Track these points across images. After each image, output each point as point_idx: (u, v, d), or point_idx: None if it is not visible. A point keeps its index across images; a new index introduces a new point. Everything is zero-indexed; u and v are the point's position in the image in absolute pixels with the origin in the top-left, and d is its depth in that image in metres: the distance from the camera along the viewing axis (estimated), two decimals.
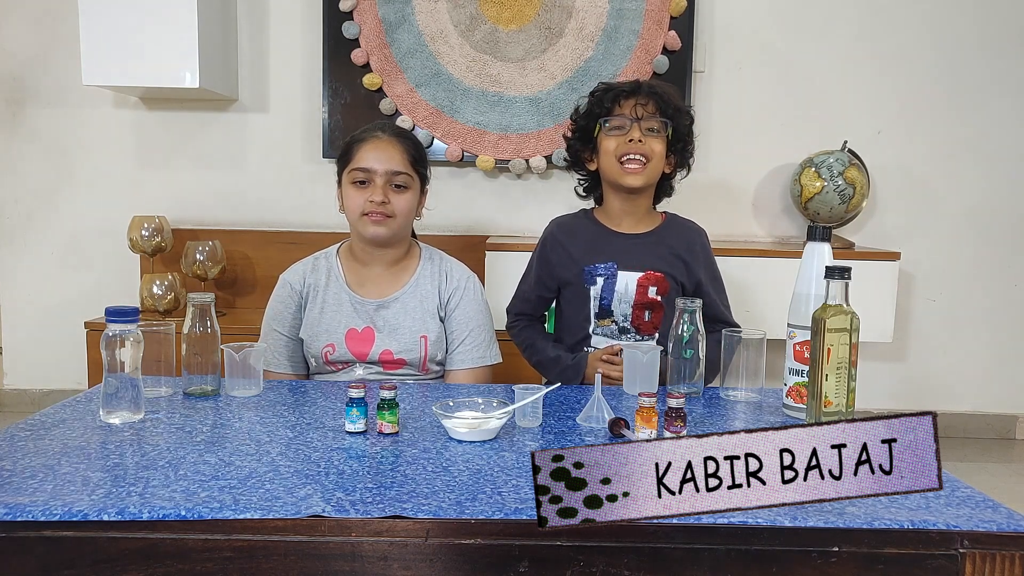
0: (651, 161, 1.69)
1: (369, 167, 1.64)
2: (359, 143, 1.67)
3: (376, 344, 1.67)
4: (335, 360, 1.67)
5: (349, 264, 1.74)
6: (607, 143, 1.70)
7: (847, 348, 1.21)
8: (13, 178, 3.22)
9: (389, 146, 1.66)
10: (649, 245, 1.74)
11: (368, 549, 0.90)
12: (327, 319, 1.68)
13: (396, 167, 1.65)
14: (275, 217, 3.22)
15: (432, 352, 1.68)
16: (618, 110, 1.70)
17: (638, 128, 1.68)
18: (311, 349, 1.69)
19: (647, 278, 1.70)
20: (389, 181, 1.65)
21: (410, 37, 3.08)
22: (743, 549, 0.90)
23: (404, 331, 1.68)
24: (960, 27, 3.16)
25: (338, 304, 1.69)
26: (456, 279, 1.73)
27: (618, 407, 1.36)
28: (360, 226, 1.66)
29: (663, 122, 1.70)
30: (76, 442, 1.14)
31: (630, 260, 1.72)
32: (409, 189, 1.67)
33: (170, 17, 2.78)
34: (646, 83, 1.72)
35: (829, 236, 1.37)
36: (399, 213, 1.65)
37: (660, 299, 1.70)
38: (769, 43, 3.17)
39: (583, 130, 1.77)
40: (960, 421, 3.31)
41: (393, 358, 1.67)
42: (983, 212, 3.24)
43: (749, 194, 3.23)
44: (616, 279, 1.72)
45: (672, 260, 1.73)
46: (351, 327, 1.67)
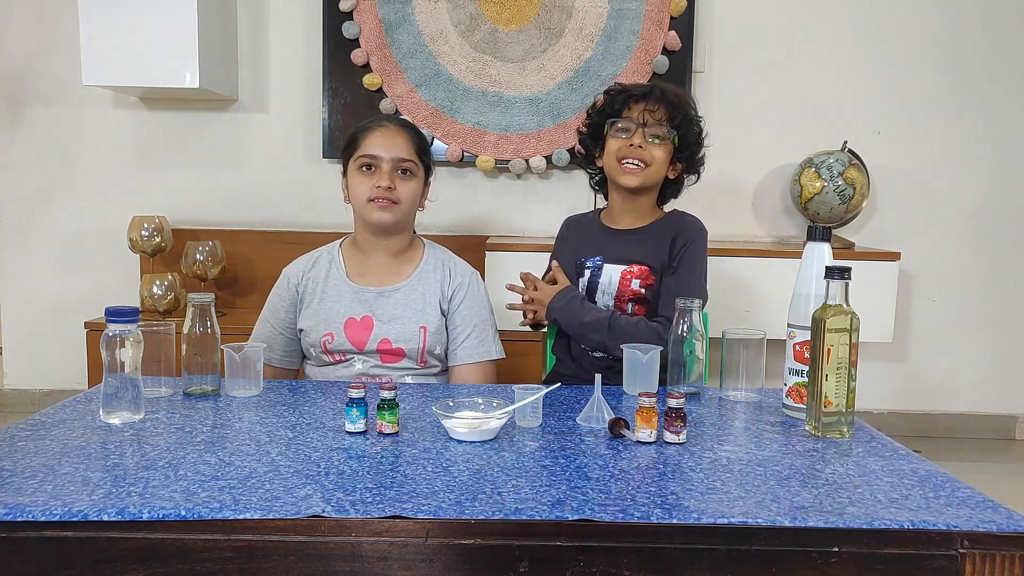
0: (650, 166, 1.71)
1: (375, 153, 1.67)
2: (365, 131, 1.71)
3: (375, 332, 1.68)
4: (334, 350, 1.68)
5: (351, 254, 1.76)
6: (612, 143, 1.74)
7: (847, 348, 1.21)
8: (13, 178, 3.22)
9: (395, 134, 1.69)
10: (638, 239, 1.76)
11: (368, 549, 0.90)
12: (326, 308, 1.70)
13: (402, 154, 1.68)
14: (275, 217, 3.22)
15: (431, 344, 1.69)
16: (627, 113, 1.73)
17: (642, 133, 1.70)
18: (310, 338, 1.70)
19: (631, 271, 1.73)
20: (395, 168, 1.68)
21: (410, 37, 3.08)
22: (743, 549, 0.90)
23: (403, 320, 1.69)
24: (960, 27, 3.16)
25: (338, 294, 1.71)
26: (460, 275, 1.75)
27: (618, 407, 1.36)
28: (366, 212, 1.68)
29: (669, 130, 1.71)
30: (76, 442, 1.14)
31: (617, 253, 1.75)
32: (414, 176, 1.70)
33: (170, 17, 2.78)
34: (660, 88, 1.74)
35: (829, 236, 1.37)
36: (404, 199, 1.68)
37: (644, 292, 1.72)
38: (769, 43, 3.17)
39: (594, 127, 1.80)
40: (960, 421, 3.31)
41: (391, 347, 1.68)
42: (983, 212, 3.24)
43: (749, 194, 3.23)
44: (601, 272, 1.75)
45: (658, 253, 1.74)
46: (350, 316, 1.69)
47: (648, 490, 0.99)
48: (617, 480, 1.02)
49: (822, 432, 1.23)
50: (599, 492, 0.97)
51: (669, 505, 0.94)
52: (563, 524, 0.90)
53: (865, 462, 1.12)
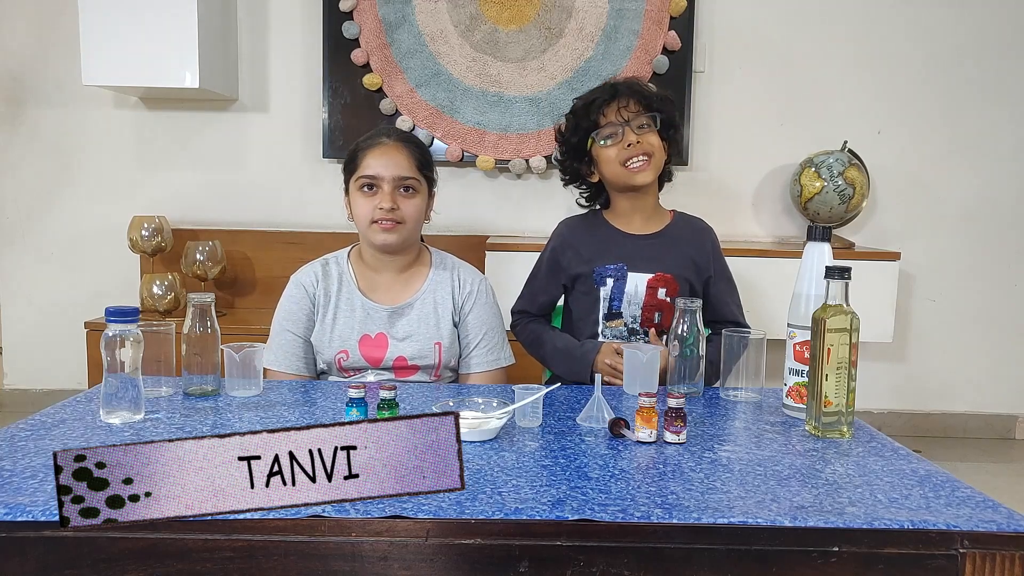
0: (654, 156, 1.70)
1: (376, 174, 1.63)
2: (364, 150, 1.66)
3: (390, 350, 1.66)
4: (349, 367, 1.66)
5: (360, 270, 1.72)
6: (606, 153, 1.71)
7: (847, 348, 1.21)
8: (13, 178, 3.22)
9: (395, 151, 1.65)
10: (659, 246, 1.74)
11: (368, 549, 0.90)
12: (340, 326, 1.67)
13: (403, 172, 1.63)
14: (275, 217, 3.21)
15: (446, 359, 1.68)
16: (604, 119, 1.71)
17: (631, 130, 1.69)
18: (324, 355, 1.67)
19: (657, 280, 1.71)
20: (397, 187, 1.63)
21: (410, 37, 3.08)
22: (743, 549, 0.90)
23: (419, 338, 1.67)
24: (960, 27, 3.16)
25: (351, 310, 1.68)
26: (470, 284, 1.73)
27: (618, 407, 1.36)
28: (370, 234, 1.65)
29: (650, 116, 1.70)
30: (76, 442, 1.14)
31: (640, 261, 1.72)
32: (417, 193, 1.66)
33: (170, 17, 2.78)
34: (620, 84, 1.73)
35: (829, 236, 1.37)
36: (408, 219, 1.64)
37: (669, 300, 1.70)
38: (769, 43, 3.17)
39: (574, 147, 1.77)
40: (960, 421, 3.32)
41: (407, 364, 1.66)
42: (983, 212, 3.24)
43: (749, 194, 3.23)
44: (626, 281, 1.72)
45: (682, 261, 1.73)
46: (364, 333, 1.66)
47: (648, 490, 0.99)
48: (617, 480, 1.02)
49: (822, 432, 1.23)
50: (599, 492, 0.97)
51: (669, 505, 0.94)
52: (563, 524, 0.90)
53: (865, 462, 1.12)
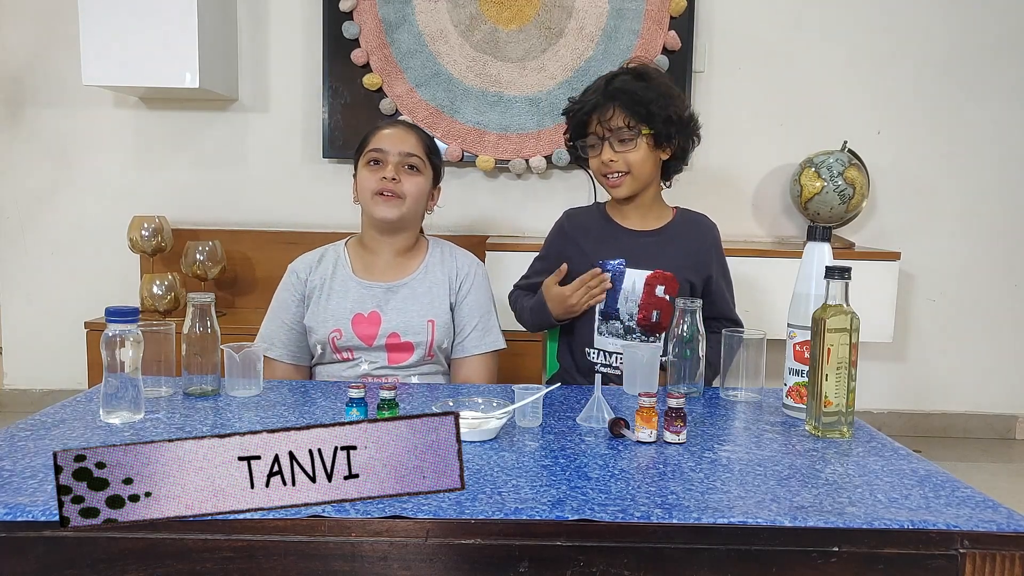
0: (631, 172, 1.68)
1: (383, 147, 1.69)
2: (375, 130, 1.74)
3: (383, 327, 1.68)
4: (343, 347, 1.68)
5: (357, 252, 1.77)
6: (591, 161, 1.73)
7: (847, 348, 1.21)
8: (13, 178, 3.22)
9: (404, 132, 1.73)
10: (660, 243, 1.73)
11: (368, 549, 0.90)
12: (333, 305, 1.70)
13: (409, 149, 1.70)
14: (275, 217, 3.21)
15: (439, 338, 1.70)
16: (589, 129, 1.71)
17: (609, 147, 1.67)
18: (317, 336, 1.69)
19: (655, 277, 1.69)
20: (402, 162, 1.69)
21: (410, 37, 3.08)
22: (743, 549, 0.90)
23: (411, 314, 1.69)
24: (960, 27, 3.16)
25: (344, 290, 1.71)
26: (466, 267, 1.77)
27: (618, 407, 1.36)
28: (371, 207, 1.68)
29: (632, 129, 1.65)
30: (76, 442, 1.14)
31: (640, 258, 1.71)
32: (421, 173, 1.71)
33: (170, 17, 2.78)
34: (610, 90, 1.67)
35: (829, 236, 1.37)
36: (409, 195, 1.68)
37: (668, 299, 1.69)
38: (769, 43, 3.17)
39: (571, 146, 1.80)
40: (960, 421, 3.32)
41: (400, 341, 1.67)
42: (983, 212, 3.23)
43: (749, 194, 3.23)
44: (624, 277, 1.71)
45: (682, 259, 1.72)
46: (357, 312, 1.69)
47: (648, 490, 0.99)
48: (617, 480, 1.02)
49: (822, 432, 1.23)
50: (599, 492, 0.97)
51: (669, 505, 0.94)
52: (563, 524, 0.90)
53: (865, 462, 1.12)
